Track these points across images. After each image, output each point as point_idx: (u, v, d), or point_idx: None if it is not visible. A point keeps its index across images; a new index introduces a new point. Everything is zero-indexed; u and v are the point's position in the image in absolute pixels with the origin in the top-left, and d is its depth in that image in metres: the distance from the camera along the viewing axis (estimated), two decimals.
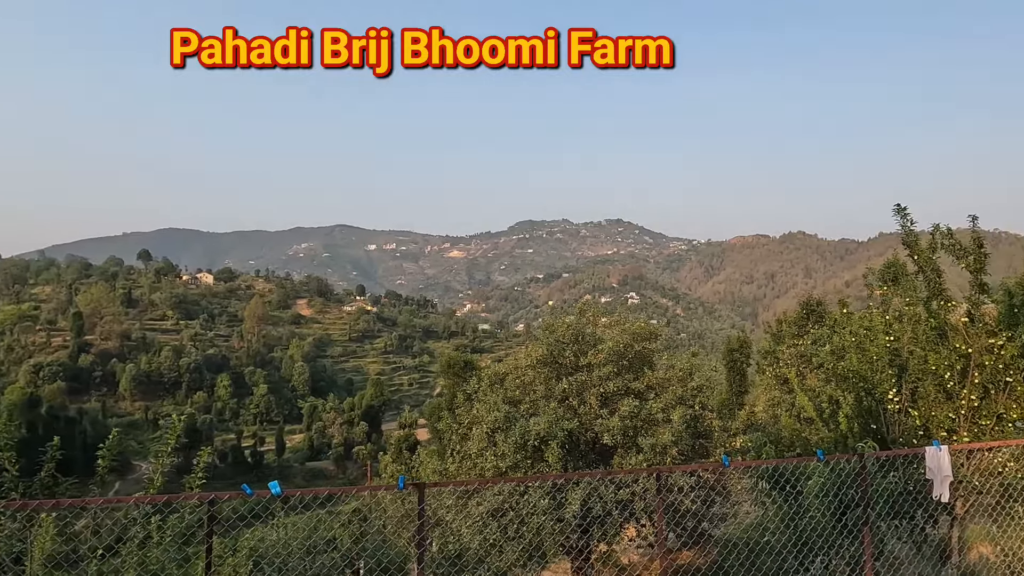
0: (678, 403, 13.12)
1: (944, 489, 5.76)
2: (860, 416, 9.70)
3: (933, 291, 9.11)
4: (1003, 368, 8.64)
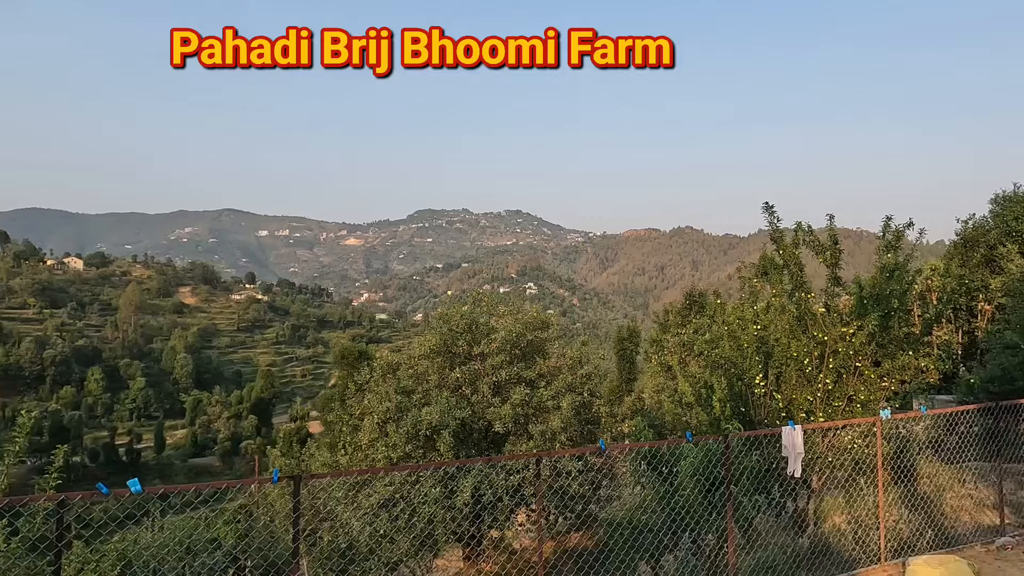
0: (568, 391, 13.49)
1: (797, 465, 6.30)
2: (732, 400, 10.39)
3: (796, 284, 9.87)
4: (853, 354, 9.50)
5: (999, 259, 23.95)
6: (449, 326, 14.58)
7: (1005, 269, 23.00)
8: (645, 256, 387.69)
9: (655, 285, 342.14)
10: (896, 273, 9.81)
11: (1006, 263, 23.02)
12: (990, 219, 27.20)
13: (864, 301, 9.83)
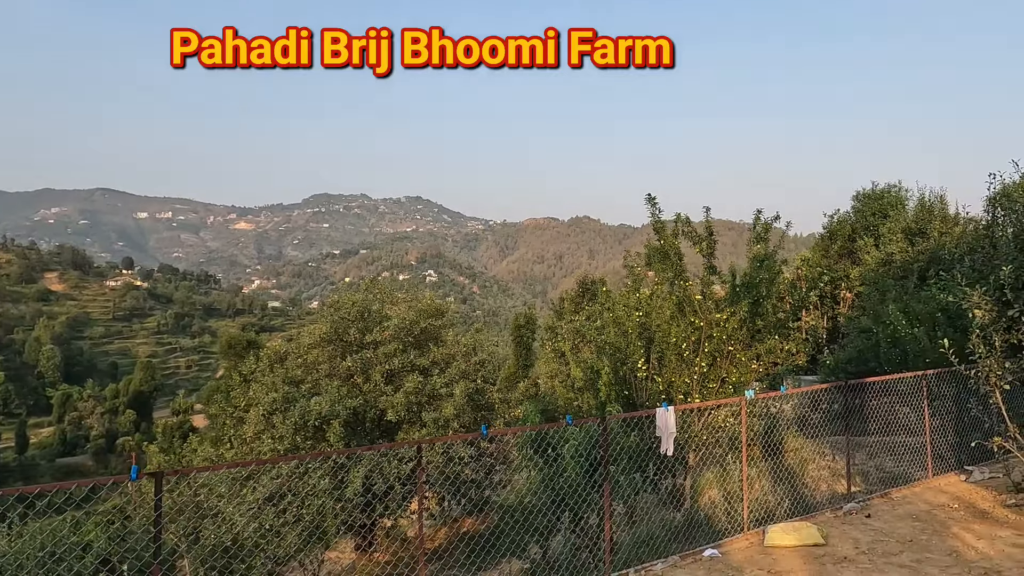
0: (461, 378, 13.56)
1: (669, 444, 6.66)
2: (617, 384, 10.80)
3: (676, 272, 10.38)
4: (726, 339, 10.13)
5: (858, 251, 26.26)
6: (340, 314, 14.26)
7: (862, 260, 25.26)
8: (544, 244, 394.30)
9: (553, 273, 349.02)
10: (765, 262, 10.52)
11: (863, 255, 25.26)
12: (852, 214, 29.68)
13: (736, 289, 10.49)
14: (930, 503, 7.77)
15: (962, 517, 7.17)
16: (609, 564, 6.03)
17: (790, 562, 6.08)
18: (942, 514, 7.31)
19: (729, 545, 6.78)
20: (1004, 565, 5.70)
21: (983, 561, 5.83)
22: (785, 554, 6.32)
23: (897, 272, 21.50)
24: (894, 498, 8.11)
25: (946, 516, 7.22)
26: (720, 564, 6.19)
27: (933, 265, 18.81)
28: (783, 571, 5.86)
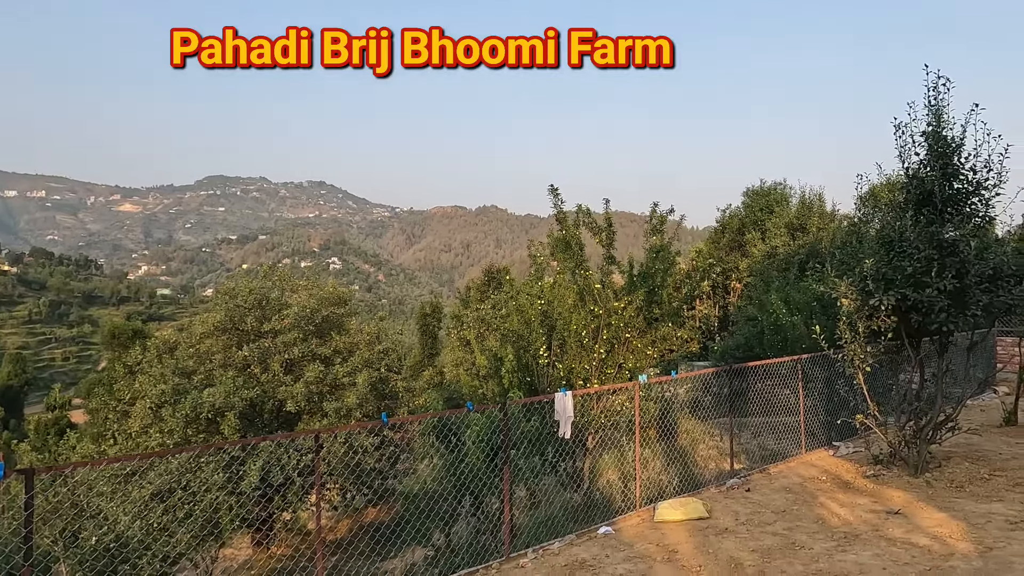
0: (365, 366, 13.37)
1: (567, 428, 6.91)
2: (519, 371, 11.01)
3: (577, 262, 10.68)
4: (624, 326, 10.54)
5: (746, 244, 27.93)
6: (236, 301, 13.71)
7: (750, 253, 26.89)
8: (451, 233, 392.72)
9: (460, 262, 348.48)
10: (661, 253, 11.02)
11: (751, 248, 26.90)
12: (742, 209, 31.46)
13: (634, 278, 10.93)
14: (802, 476, 8.46)
15: (828, 488, 7.85)
16: (508, 545, 6.19)
17: (677, 535, 6.47)
18: (812, 486, 7.97)
19: (622, 522, 7.11)
20: (860, 528, 6.32)
21: (844, 526, 6.43)
22: (673, 528, 6.71)
23: (780, 264, 23.06)
24: (772, 473, 8.76)
25: (815, 488, 7.89)
26: (613, 540, 6.49)
27: (812, 258, 20.29)
28: (670, 544, 6.22)
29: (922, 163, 8.11)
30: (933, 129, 8.01)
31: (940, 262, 7.53)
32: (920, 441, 8.17)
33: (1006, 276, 7.56)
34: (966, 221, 7.90)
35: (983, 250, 7.64)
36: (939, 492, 7.37)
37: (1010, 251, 7.81)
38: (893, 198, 8.58)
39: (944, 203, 7.88)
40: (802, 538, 6.16)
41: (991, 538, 5.87)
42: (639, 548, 6.18)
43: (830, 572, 5.31)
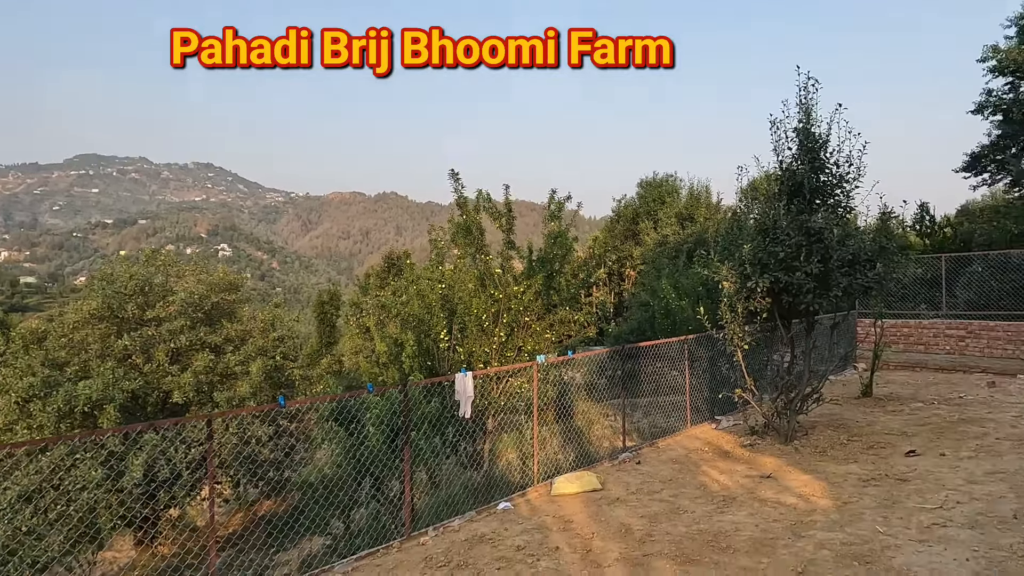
0: (258, 355, 12.93)
1: (467, 408, 7.04)
2: (420, 355, 11.03)
3: (477, 247, 10.81)
4: (523, 310, 10.79)
5: (640, 233, 29.12)
6: (115, 287, 12.83)
7: (643, 242, 28.07)
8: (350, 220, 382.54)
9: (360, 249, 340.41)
10: (558, 239, 11.34)
11: (644, 236, 28.08)
12: (636, 200, 32.70)
13: (533, 264, 11.20)
14: (687, 448, 9.03)
15: (710, 458, 8.43)
16: (409, 525, 6.25)
17: (572, 507, 6.76)
18: (696, 457, 8.53)
19: (521, 498, 7.33)
20: (737, 492, 6.86)
21: (723, 491, 6.95)
22: (568, 500, 7.01)
23: (671, 252, 24.23)
24: (660, 447, 9.28)
25: (698, 458, 8.45)
26: (512, 514, 6.70)
27: (699, 246, 21.46)
28: (566, 514, 6.50)
29: (794, 157, 8.81)
30: (803, 126, 8.71)
31: (808, 248, 8.23)
32: (790, 412, 8.94)
33: (863, 261, 8.37)
34: (831, 211, 8.67)
35: (844, 237, 8.42)
36: (805, 457, 8.10)
37: (867, 239, 8.63)
38: (769, 189, 9.26)
39: (812, 194, 8.61)
40: (685, 503, 6.61)
41: (847, 494, 6.55)
42: (536, 520, 6.42)
43: (709, 531, 5.75)
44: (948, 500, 6.22)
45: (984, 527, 5.51)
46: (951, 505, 6.08)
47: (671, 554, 5.29)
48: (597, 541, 5.69)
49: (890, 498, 6.37)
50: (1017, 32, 19.56)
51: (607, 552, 5.41)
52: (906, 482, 6.85)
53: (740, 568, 4.94)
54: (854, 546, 5.24)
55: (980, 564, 4.79)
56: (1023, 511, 5.83)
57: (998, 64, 19.39)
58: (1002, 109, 19.92)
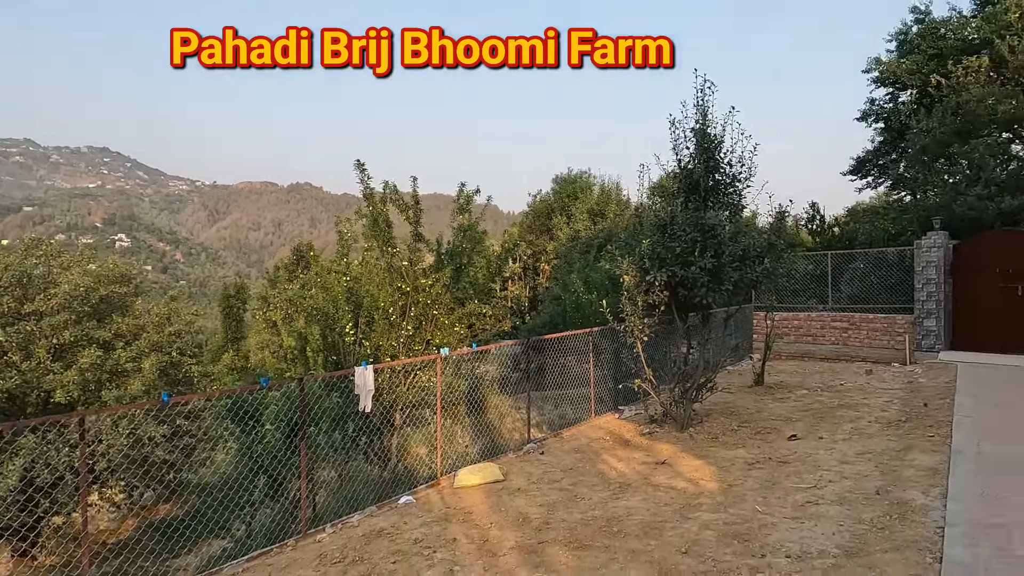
0: (152, 350, 12.28)
1: (368, 401, 6.95)
2: (326, 349, 10.79)
3: (384, 239, 10.67)
4: (431, 303, 10.75)
5: (554, 228, 29.57)
6: None
7: (556, 237, 28.52)
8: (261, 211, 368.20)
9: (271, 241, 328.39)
10: (468, 232, 11.35)
11: (558, 231, 28.53)
12: (551, 195, 33.15)
13: (442, 256, 11.17)
14: (590, 438, 9.27)
15: (611, 446, 8.70)
16: (306, 523, 6.12)
17: (473, 498, 6.81)
18: (597, 446, 8.78)
19: (424, 491, 7.32)
20: (632, 479, 7.11)
21: (620, 478, 7.19)
22: (470, 492, 7.06)
23: (583, 247, 24.75)
24: (564, 437, 9.48)
25: (599, 447, 8.69)
26: (413, 508, 6.67)
27: (608, 241, 22.02)
28: (466, 506, 6.55)
29: (691, 156, 9.19)
30: (700, 127, 9.10)
31: (703, 243, 8.62)
32: (686, 401, 9.34)
33: (752, 256, 8.84)
34: (724, 208, 9.11)
35: (736, 234, 8.86)
36: (699, 443, 8.49)
37: (756, 235, 9.13)
38: (668, 186, 9.62)
39: (707, 192, 9.01)
40: (583, 491, 6.80)
41: (732, 477, 6.92)
42: (437, 512, 6.43)
43: (603, 517, 5.93)
44: (822, 480, 6.69)
45: (851, 503, 5.96)
46: (824, 484, 6.54)
47: (565, 540, 5.43)
48: (495, 531, 5.77)
49: (771, 479, 6.78)
50: (897, 47, 21.15)
51: (503, 541, 5.49)
52: (786, 464, 7.31)
53: (629, 551, 5.13)
54: (735, 525, 5.54)
55: (844, 537, 5.18)
56: (885, 487, 6.34)
57: (880, 76, 20.90)
58: (883, 118, 21.49)
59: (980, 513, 5.48)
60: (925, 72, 19.14)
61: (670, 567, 4.79)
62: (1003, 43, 16.29)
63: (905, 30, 20.95)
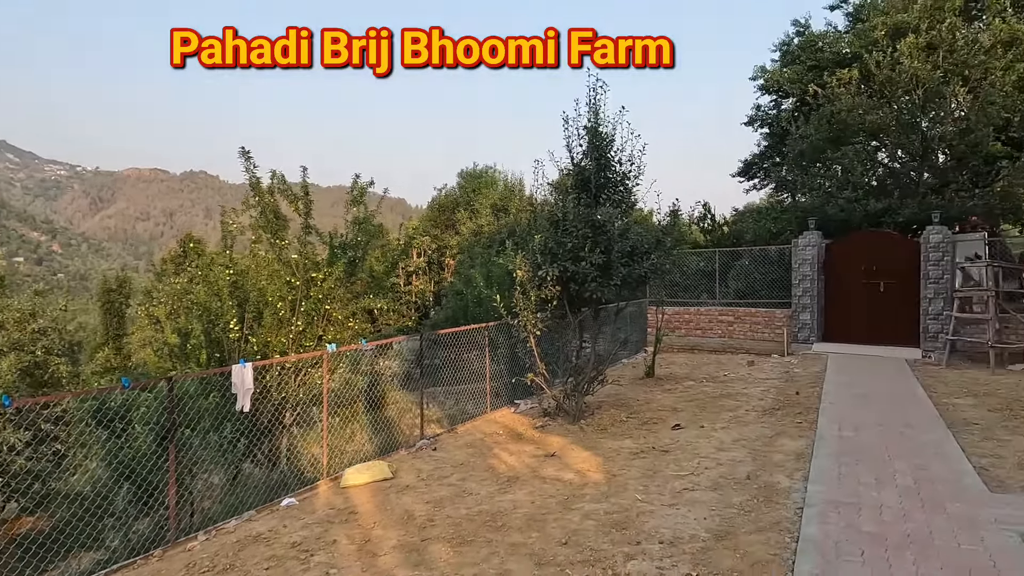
0: (12, 349, 11.28)
1: (246, 401, 6.64)
2: (209, 346, 10.23)
3: (273, 231, 10.23)
4: (323, 298, 10.41)
5: (457, 223, 29.48)
6: None
7: (460, 231, 28.46)
8: (151, 199, 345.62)
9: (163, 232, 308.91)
10: (362, 225, 11.08)
11: (461, 226, 28.46)
12: (456, 190, 33.03)
13: (335, 250, 10.85)
14: (484, 432, 9.29)
15: (504, 440, 8.75)
16: (175, 530, 5.77)
17: (359, 497, 6.66)
18: (490, 440, 8.80)
19: (309, 492, 7.08)
20: (522, 472, 7.18)
21: (509, 472, 7.24)
22: (357, 491, 6.89)
23: (486, 242, 24.80)
24: (459, 432, 9.46)
25: (492, 441, 8.73)
26: (295, 510, 6.44)
27: (511, 237, 22.19)
28: (351, 506, 6.38)
29: (584, 154, 9.36)
30: (592, 125, 9.28)
31: (593, 239, 8.80)
32: (578, 394, 9.53)
33: (640, 252, 9.13)
34: (614, 205, 9.34)
35: (625, 230, 9.11)
36: (589, 435, 8.69)
37: (645, 232, 9.43)
38: (562, 183, 9.76)
39: (598, 189, 9.21)
40: (472, 486, 6.79)
41: (617, 467, 7.12)
42: (320, 514, 6.23)
43: (489, 512, 5.94)
44: (699, 467, 7.00)
45: (723, 488, 6.27)
46: (701, 471, 6.84)
47: (448, 537, 5.39)
48: (377, 530, 5.65)
49: (653, 468, 7.03)
50: (780, 56, 22.47)
51: (385, 541, 5.39)
52: (668, 453, 7.61)
53: (510, 544, 5.16)
54: (615, 514, 5.70)
55: (715, 521, 5.44)
56: (755, 472, 6.72)
57: (765, 83, 22.15)
58: (768, 123, 22.81)
59: (835, 493, 5.91)
60: (804, 82, 20.45)
61: (549, 558, 4.85)
62: (871, 58, 17.63)
63: (787, 41, 22.32)
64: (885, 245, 15.40)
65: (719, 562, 4.63)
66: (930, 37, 17.15)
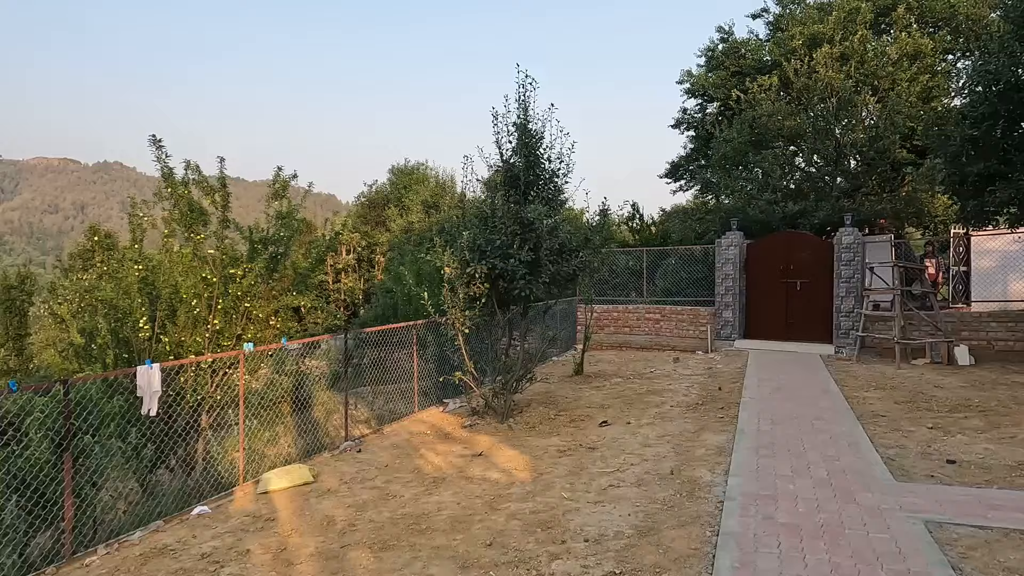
0: None
1: (153, 404, 6.25)
2: (117, 346, 9.62)
3: (187, 225, 9.71)
4: (242, 295, 9.96)
5: (388, 219, 29.00)
6: None
7: (390, 228, 28.00)
8: (60, 191, 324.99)
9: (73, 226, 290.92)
10: (284, 220, 10.67)
11: (391, 223, 28.01)
12: (387, 185, 32.47)
13: (255, 245, 10.40)
14: (411, 432, 9.10)
15: (431, 441, 8.60)
16: (70, 545, 5.35)
17: (278, 503, 6.37)
18: (417, 440, 8.63)
19: (224, 499, 6.74)
20: (448, 472, 7.05)
21: (435, 472, 7.10)
22: (276, 496, 6.60)
23: (416, 239, 24.48)
24: (385, 433, 9.24)
25: (419, 442, 8.56)
26: (207, 519, 6.10)
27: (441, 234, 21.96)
28: (269, 512, 6.10)
29: (513, 150, 9.30)
30: (521, 122, 9.23)
31: (522, 236, 8.76)
32: (506, 392, 9.47)
33: (569, 250, 9.15)
34: (544, 203, 9.33)
35: (554, 228, 9.11)
36: (517, 434, 8.64)
37: (574, 230, 9.46)
38: (491, 179, 9.67)
39: (527, 186, 9.18)
40: (397, 488, 6.62)
41: (544, 465, 7.10)
42: (234, 522, 5.92)
43: (412, 514, 5.79)
44: (625, 463, 7.05)
45: (648, 484, 6.33)
46: (626, 468, 6.90)
47: (369, 542, 5.21)
48: (295, 538, 5.41)
49: (579, 466, 7.03)
50: (706, 62, 23.13)
51: (302, 549, 5.16)
52: (595, 450, 7.64)
53: (434, 548, 5.03)
54: (541, 513, 5.65)
55: (639, 517, 5.47)
56: (678, 467, 6.82)
57: (691, 87, 22.75)
58: (694, 126, 23.44)
59: (753, 486, 6.06)
60: (728, 87, 21.12)
61: (472, 561, 4.75)
62: (789, 66, 18.38)
63: (712, 47, 23.01)
64: (801, 245, 16.07)
65: (642, 558, 4.65)
66: (843, 48, 18.01)
